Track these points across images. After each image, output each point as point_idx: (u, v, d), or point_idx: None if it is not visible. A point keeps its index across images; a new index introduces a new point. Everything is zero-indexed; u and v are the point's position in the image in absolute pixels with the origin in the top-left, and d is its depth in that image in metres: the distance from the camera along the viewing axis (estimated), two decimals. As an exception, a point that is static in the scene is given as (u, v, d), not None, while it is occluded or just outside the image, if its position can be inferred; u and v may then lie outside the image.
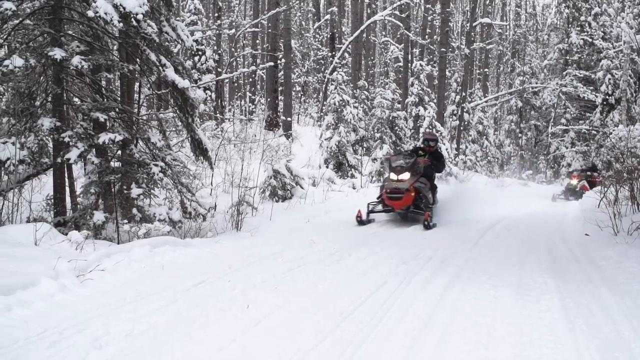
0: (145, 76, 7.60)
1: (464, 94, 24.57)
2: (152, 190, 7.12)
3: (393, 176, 9.53)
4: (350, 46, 24.79)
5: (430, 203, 9.70)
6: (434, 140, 10.74)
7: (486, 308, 4.22)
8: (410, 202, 9.32)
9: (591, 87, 22.94)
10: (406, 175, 9.42)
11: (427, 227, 8.79)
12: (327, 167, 15.25)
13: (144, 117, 8.19)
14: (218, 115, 19.92)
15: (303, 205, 10.69)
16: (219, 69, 23.63)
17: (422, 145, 10.81)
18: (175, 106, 7.52)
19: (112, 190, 6.81)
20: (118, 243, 6.40)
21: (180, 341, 3.42)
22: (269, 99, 21.34)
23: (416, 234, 8.40)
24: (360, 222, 9.15)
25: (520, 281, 5.14)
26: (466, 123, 23.90)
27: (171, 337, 3.49)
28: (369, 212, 9.60)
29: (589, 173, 18.28)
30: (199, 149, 7.63)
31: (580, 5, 23.86)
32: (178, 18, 17.40)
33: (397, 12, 24.66)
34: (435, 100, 21.60)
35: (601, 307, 4.22)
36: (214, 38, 25.96)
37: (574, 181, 18.22)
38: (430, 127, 19.24)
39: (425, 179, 9.74)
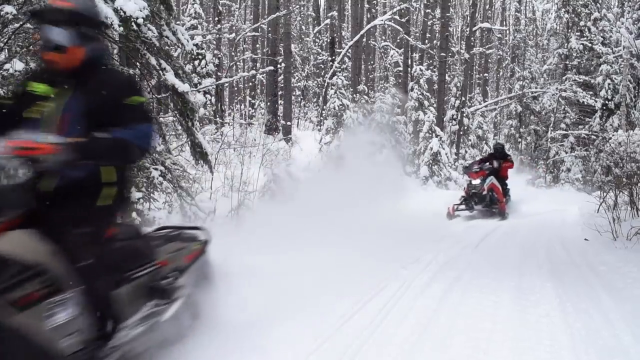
0: (145, 80, 7.61)
1: (463, 98, 24.57)
2: (151, 194, 7.13)
3: None
4: (350, 51, 24.83)
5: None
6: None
7: (485, 312, 4.21)
8: None
9: (591, 92, 22.93)
10: None
11: None
12: (326, 171, 15.23)
13: (144, 121, 8.18)
14: (218, 119, 19.91)
15: (303, 209, 10.68)
16: (219, 73, 23.65)
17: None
18: (175, 110, 7.54)
19: (112, 193, 6.81)
20: (117, 247, 6.39)
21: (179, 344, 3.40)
22: (268, 103, 21.41)
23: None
24: None
25: (520, 286, 5.14)
26: (466, 128, 23.90)
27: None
28: None
29: (494, 162, 12.64)
30: (199, 153, 7.64)
31: (579, 10, 23.87)
32: (178, 22, 17.40)
33: (396, 17, 24.72)
34: (435, 105, 21.62)
35: (600, 312, 4.21)
36: (214, 42, 25.98)
37: (477, 181, 12.16)
38: (430, 132, 19.21)
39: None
